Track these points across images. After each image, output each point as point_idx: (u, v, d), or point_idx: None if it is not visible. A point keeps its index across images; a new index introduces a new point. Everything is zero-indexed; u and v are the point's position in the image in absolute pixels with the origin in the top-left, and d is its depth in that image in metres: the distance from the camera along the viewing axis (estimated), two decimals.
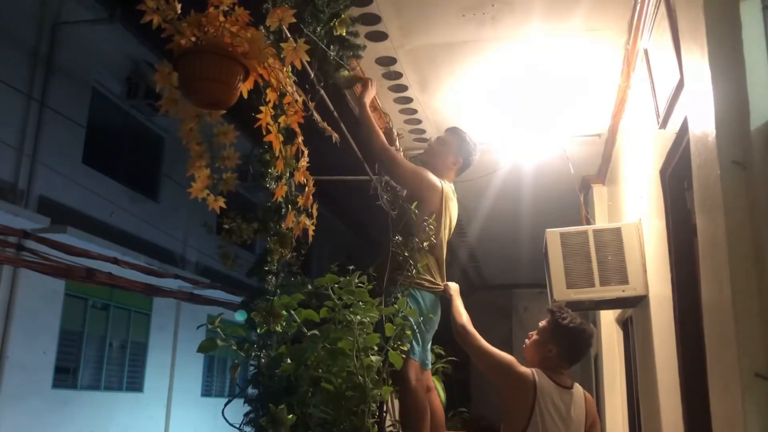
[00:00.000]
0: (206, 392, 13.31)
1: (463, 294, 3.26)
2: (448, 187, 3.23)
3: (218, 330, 2.19)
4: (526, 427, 2.46)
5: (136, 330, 11.14)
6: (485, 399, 9.64)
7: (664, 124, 2.75)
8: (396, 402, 3.08)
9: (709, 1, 1.98)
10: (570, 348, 2.60)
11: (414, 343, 2.89)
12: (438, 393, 3.48)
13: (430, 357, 3.30)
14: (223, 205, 2.17)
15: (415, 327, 2.88)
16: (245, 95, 1.96)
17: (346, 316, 2.34)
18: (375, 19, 3.36)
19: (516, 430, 2.49)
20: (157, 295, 10.05)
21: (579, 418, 2.53)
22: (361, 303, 2.39)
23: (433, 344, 3.34)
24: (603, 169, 5.32)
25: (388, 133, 3.71)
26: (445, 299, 3.13)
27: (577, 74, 3.91)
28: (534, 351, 2.67)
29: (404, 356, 2.61)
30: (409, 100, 4.32)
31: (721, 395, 1.95)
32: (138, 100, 10.33)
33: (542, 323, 2.71)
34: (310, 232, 2.39)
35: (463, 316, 2.92)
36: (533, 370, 2.57)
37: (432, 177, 3.17)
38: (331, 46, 2.81)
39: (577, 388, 2.61)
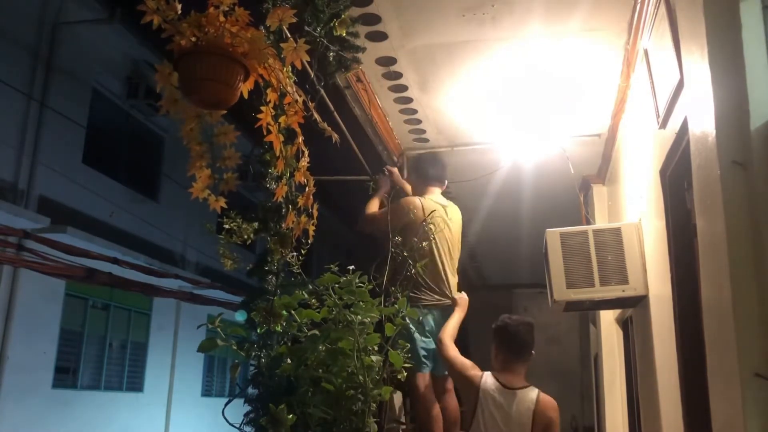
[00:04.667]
0: (206, 392, 13.31)
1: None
2: (429, 202, 3.55)
3: (218, 330, 2.20)
4: (472, 423, 2.75)
5: (136, 330, 11.14)
6: None
7: (664, 124, 2.75)
8: (396, 401, 3.49)
9: (709, 1, 1.97)
10: (501, 343, 2.91)
11: (422, 358, 3.30)
12: None
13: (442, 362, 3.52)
14: (224, 205, 2.17)
15: (423, 345, 3.33)
16: (245, 95, 1.96)
17: (346, 316, 2.34)
18: (375, 19, 3.36)
19: (467, 427, 2.80)
20: (157, 295, 10.05)
21: (521, 419, 2.71)
22: (361, 303, 2.39)
23: None
24: (603, 169, 5.32)
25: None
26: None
27: (577, 74, 3.91)
28: (492, 360, 2.99)
29: (412, 366, 2.89)
30: (409, 100, 4.32)
31: (721, 395, 1.95)
32: (138, 100, 10.34)
33: None
34: (311, 232, 2.39)
35: (447, 333, 3.14)
36: (484, 372, 2.86)
37: (403, 200, 3.56)
38: (330, 47, 2.81)
39: (527, 391, 2.80)
